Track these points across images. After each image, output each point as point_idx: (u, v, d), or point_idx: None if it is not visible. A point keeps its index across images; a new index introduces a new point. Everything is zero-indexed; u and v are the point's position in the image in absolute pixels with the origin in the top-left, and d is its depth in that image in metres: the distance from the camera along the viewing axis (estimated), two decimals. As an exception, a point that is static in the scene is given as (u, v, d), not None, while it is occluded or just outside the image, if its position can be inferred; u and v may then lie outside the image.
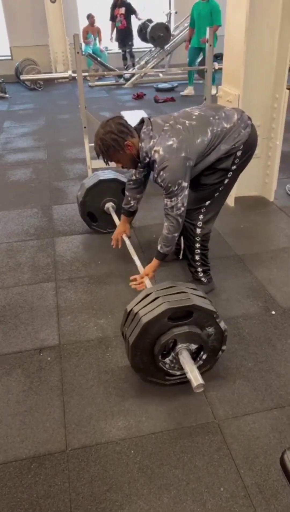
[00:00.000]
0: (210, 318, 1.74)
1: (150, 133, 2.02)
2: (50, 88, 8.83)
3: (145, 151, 2.03)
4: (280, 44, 3.03)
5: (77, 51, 3.53)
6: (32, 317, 2.35)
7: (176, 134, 1.99)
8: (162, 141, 1.98)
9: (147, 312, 1.68)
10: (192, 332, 1.71)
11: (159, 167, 1.99)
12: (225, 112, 2.11)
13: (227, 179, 2.18)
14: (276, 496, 1.47)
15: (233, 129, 2.07)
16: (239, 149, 2.09)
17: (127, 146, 2.02)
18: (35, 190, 3.98)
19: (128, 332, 1.74)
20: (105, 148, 2.03)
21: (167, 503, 1.47)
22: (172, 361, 1.77)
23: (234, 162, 2.12)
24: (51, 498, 1.50)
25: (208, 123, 2.05)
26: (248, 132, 2.10)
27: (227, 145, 2.06)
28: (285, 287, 2.50)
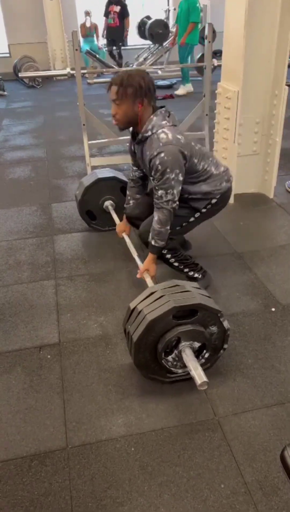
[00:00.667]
0: (214, 317, 1.75)
1: (166, 118, 2.02)
2: (48, 86, 8.81)
3: (153, 124, 1.98)
4: (279, 40, 3.02)
5: (75, 48, 3.52)
6: (32, 315, 2.35)
7: (184, 136, 2.03)
8: (174, 130, 1.98)
9: (152, 310, 1.68)
10: (196, 330, 1.72)
11: (161, 147, 1.92)
12: (216, 160, 2.22)
13: (193, 218, 2.25)
14: (277, 493, 1.47)
15: (217, 177, 2.17)
16: (215, 197, 2.19)
17: (139, 103, 1.95)
18: (34, 188, 3.98)
19: (132, 329, 1.74)
20: (127, 83, 1.91)
21: (167, 500, 1.47)
22: (175, 359, 1.77)
23: (206, 207, 2.21)
24: (52, 496, 1.50)
25: (204, 157, 2.13)
26: (227, 186, 2.21)
27: (208, 188, 2.15)
28: (285, 284, 2.50)
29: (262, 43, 3.03)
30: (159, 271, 2.40)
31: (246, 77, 3.08)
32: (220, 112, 3.39)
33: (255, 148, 3.40)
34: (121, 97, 1.94)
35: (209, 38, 3.67)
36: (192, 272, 2.38)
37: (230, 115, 3.22)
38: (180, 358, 1.75)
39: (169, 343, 1.72)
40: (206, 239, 2.99)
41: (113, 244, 2.97)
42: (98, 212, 3.02)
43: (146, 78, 1.95)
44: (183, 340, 1.73)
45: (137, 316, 1.74)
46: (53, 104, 7.23)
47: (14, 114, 6.72)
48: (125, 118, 2.01)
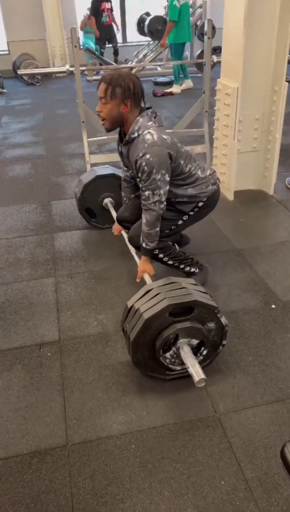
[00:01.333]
0: (211, 314, 1.74)
1: (152, 119, 2.02)
2: (48, 83, 8.78)
3: (139, 125, 1.98)
4: (279, 37, 3.00)
5: (74, 45, 3.50)
6: (32, 313, 2.34)
7: (171, 137, 2.04)
8: (159, 131, 1.99)
9: (148, 308, 1.68)
10: (193, 327, 1.71)
11: (147, 148, 1.92)
12: (202, 164, 2.23)
13: (181, 221, 2.26)
14: (277, 489, 1.48)
15: (204, 180, 2.17)
16: (202, 200, 2.19)
17: (125, 104, 1.95)
18: (34, 185, 3.97)
19: (129, 328, 1.74)
20: (116, 83, 1.92)
21: (168, 497, 1.47)
22: (173, 356, 1.77)
23: (193, 210, 2.22)
24: (52, 493, 1.50)
25: (190, 161, 2.13)
26: (214, 189, 2.21)
27: (194, 191, 2.16)
28: (285, 280, 2.50)
29: (261, 39, 3.01)
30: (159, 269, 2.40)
31: (245, 74, 3.07)
32: (220, 108, 3.39)
33: (255, 145, 3.39)
34: (109, 96, 1.95)
35: (209, 34, 3.65)
36: (189, 267, 2.37)
37: (229, 112, 3.21)
38: (178, 355, 1.75)
39: (166, 340, 1.72)
40: (206, 236, 2.98)
41: (113, 242, 2.97)
42: (97, 210, 3.01)
43: (136, 81, 1.97)
44: (181, 337, 1.73)
45: (134, 315, 1.74)
46: (53, 101, 7.21)
47: (13, 112, 6.70)
48: (109, 117, 2.01)
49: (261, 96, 3.22)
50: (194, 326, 1.71)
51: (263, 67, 3.11)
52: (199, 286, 1.81)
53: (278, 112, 3.21)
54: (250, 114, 3.25)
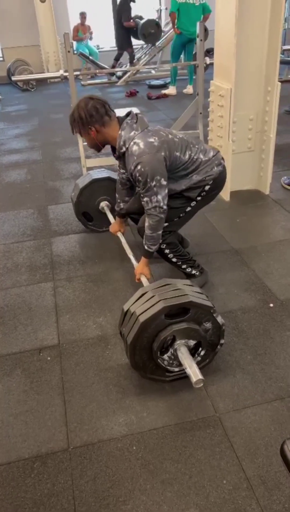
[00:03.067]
0: (207, 313, 1.75)
1: (133, 125, 2.03)
2: (42, 88, 8.81)
3: (123, 139, 2.02)
4: (270, 37, 3.02)
5: (68, 50, 3.52)
6: (31, 317, 2.35)
7: (158, 135, 2.03)
8: (144, 136, 2.00)
9: (144, 311, 1.68)
10: (190, 328, 1.72)
11: (137, 160, 1.96)
12: (203, 146, 2.20)
13: (190, 207, 2.24)
14: (279, 487, 1.48)
15: (207, 163, 2.15)
16: (208, 183, 2.17)
17: (90, 130, 2.05)
18: (30, 190, 3.98)
19: (126, 332, 1.75)
20: (72, 119, 2.08)
21: (170, 498, 1.47)
22: (171, 358, 1.77)
23: (200, 194, 2.19)
24: (55, 497, 1.50)
25: (188, 147, 2.11)
26: (219, 170, 2.19)
27: (199, 176, 2.14)
28: (282, 279, 2.51)
29: (253, 40, 3.03)
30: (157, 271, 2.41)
31: (238, 75, 3.08)
32: (214, 110, 3.40)
33: (250, 145, 3.41)
34: (77, 131, 2.12)
35: (201, 36, 3.67)
36: (190, 269, 2.38)
37: (223, 113, 3.23)
38: (176, 357, 1.75)
39: (164, 342, 1.72)
40: (203, 236, 2.99)
41: (110, 245, 2.98)
42: (94, 213, 3.02)
43: (86, 106, 2.01)
44: (178, 339, 1.73)
45: (130, 318, 1.74)
46: (48, 106, 7.24)
47: (9, 118, 6.72)
48: (91, 145, 2.17)
49: (254, 97, 3.24)
50: (190, 327, 1.71)
51: (255, 67, 3.14)
52: (194, 287, 1.82)
53: (271, 112, 3.23)
54: (244, 115, 3.27)
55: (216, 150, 2.24)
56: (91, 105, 2.01)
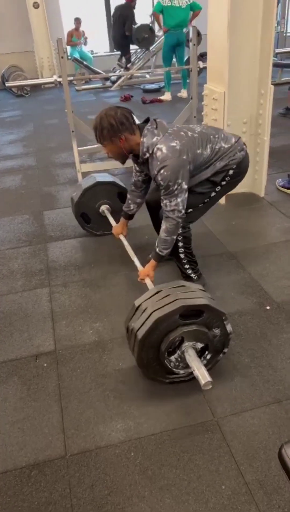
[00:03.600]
0: (219, 320, 1.77)
1: (154, 131, 2.05)
2: (37, 94, 8.82)
3: (146, 145, 2.04)
4: (263, 40, 3.04)
5: (61, 55, 3.53)
6: (27, 323, 2.34)
7: (179, 138, 2.05)
8: (166, 141, 2.02)
9: (159, 308, 1.69)
10: (200, 331, 1.73)
11: (160, 165, 1.99)
12: (224, 134, 2.22)
13: (215, 192, 2.25)
14: (277, 491, 1.47)
15: (230, 149, 2.17)
16: (232, 168, 2.18)
17: (120, 139, 2.04)
18: (25, 196, 3.97)
19: (136, 326, 1.73)
20: (100, 127, 2.03)
21: (169, 504, 1.46)
22: (177, 360, 1.77)
23: (225, 179, 2.20)
24: (52, 505, 1.49)
25: (208, 140, 2.13)
26: (243, 155, 2.21)
27: (223, 162, 2.15)
28: (279, 281, 2.50)
29: (246, 44, 3.05)
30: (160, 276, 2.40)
31: (231, 78, 3.09)
32: (208, 113, 3.41)
33: (244, 148, 3.41)
34: (104, 139, 2.06)
35: (194, 41, 3.68)
36: (191, 271, 2.38)
37: (217, 116, 3.24)
38: (183, 359, 1.75)
39: (172, 342, 1.72)
40: (199, 239, 2.98)
41: (106, 250, 2.97)
42: (93, 215, 3.02)
43: (116, 114, 2.01)
44: (187, 340, 1.73)
45: (142, 313, 1.74)
46: (42, 112, 7.24)
47: (3, 124, 6.72)
48: (116, 155, 2.15)
49: (247, 100, 3.25)
50: (201, 330, 1.72)
51: (248, 71, 3.15)
52: (207, 293, 1.84)
53: (265, 115, 3.24)
54: (237, 118, 3.28)
55: (238, 136, 2.26)
56: (120, 113, 2.03)
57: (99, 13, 9.92)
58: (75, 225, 3.34)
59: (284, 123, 5.36)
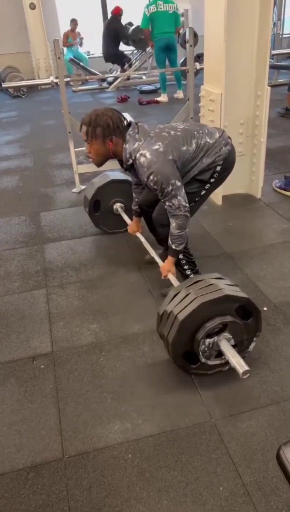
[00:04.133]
0: (253, 333, 1.89)
1: (136, 136, 2.04)
2: (33, 95, 8.81)
3: (129, 152, 2.03)
4: (259, 41, 3.05)
5: (58, 56, 3.52)
6: (23, 325, 2.33)
7: (162, 139, 2.04)
8: (148, 145, 2.01)
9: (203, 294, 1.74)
10: (242, 328, 1.81)
11: (147, 171, 1.98)
12: (208, 129, 2.20)
13: (204, 190, 2.25)
14: (276, 492, 1.47)
15: (215, 144, 2.15)
16: (219, 164, 2.17)
17: (110, 141, 2.03)
18: (22, 197, 3.96)
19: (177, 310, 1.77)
20: (95, 124, 1.99)
21: (166, 506, 1.46)
22: (209, 346, 1.79)
23: (213, 176, 2.19)
24: (50, 507, 1.48)
25: (192, 136, 2.12)
26: (228, 150, 2.19)
27: (209, 159, 2.14)
28: (276, 282, 2.51)
29: (242, 45, 3.06)
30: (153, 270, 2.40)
31: (228, 79, 3.10)
32: (205, 115, 3.42)
33: (241, 149, 3.42)
34: (91, 137, 2.03)
35: (191, 42, 3.69)
36: (189, 271, 2.38)
37: (214, 118, 3.25)
38: (213, 347, 1.79)
39: (216, 327, 1.76)
40: (196, 240, 2.99)
41: (103, 251, 2.97)
42: (105, 209, 3.01)
43: (114, 116, 2.00)
44: (227, 331, 1.78)
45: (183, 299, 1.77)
46: (39, 113, 7.23)
47: None
48: (98, 157, 2.11)
49: (244, 101, 3.26)
50: (242, 328, 1.81)
51: (245, 72, 3.16)
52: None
53: (262, 116, 3.25)
54: (234, 119, 3.28)
55: (221, 130, 2.25)
56: (117, 116, 2.02)
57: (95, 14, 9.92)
58: (72, 226, 3.34)
59: (281, 125, 5.38)
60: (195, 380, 1.91)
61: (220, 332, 1.78)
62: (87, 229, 3.27)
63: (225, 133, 2.25)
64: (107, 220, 3.07)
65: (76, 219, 3.44)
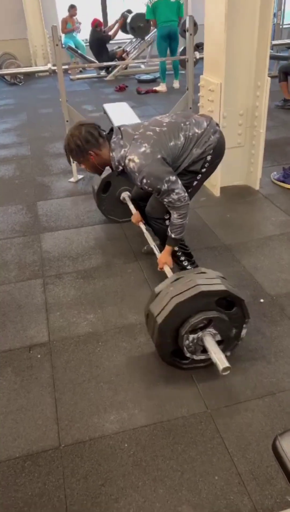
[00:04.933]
0: (241, 321, 1.85)
1: (120, 142, 2.03)
2: (31, 83, 8.70)
3: (117, 160, 2.04)
4: (260, 31, 3.01)
5: (56, 43, 3.47)
6: (20, 315, 2.32)
7: (147, 140, 2.03)
8: (134, 149, 2.00)
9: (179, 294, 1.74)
10: (227, 323, 1.79)
11: (139, 176, 1.98)
12: (195, 118, 2.18)
13: (196, 181, 2.24)
14: (270, 482, 1.49)
15: (204, 133, 2.14)
16: (209, 153, 2.16)
17: (89, 156, 2.04)
18: (19, 186, 3.93)
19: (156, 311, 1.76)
20: (68, 150, 2.05)
21: (162, 494, 1.47)
22: (193, 341, 1.78)
23: (204, 166, 2.18)
24: (46, 496, 1.49)
25: (179, 129, 2.10)
26: (217, 138, 2.17)
27: (199, 149, 2.13)
28: (273, 274, 2.51)
29: (243, 35, 3.02)
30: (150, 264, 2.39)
31: (228, 69, 3.07)
32: (204, 105, 3.39)
33: (240, 140, 3.40)
34: (75, 159, 2.09)
35: (190, 31, 3.64)
36: (187, 263, 2.38)
37: (213, 108, 3.22)
38: (198, 342, 1.78)
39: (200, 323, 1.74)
40: (194, 232, 2.98)
41: (100, 241, 2.96)
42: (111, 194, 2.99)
43: (81, 133, 2.00)
44: (212, 326, 1.76)
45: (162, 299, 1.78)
46: (36, 101, 7.15)
47: (-4, 112, 6.63)
48: (93, 170, 2.15)
49: (244, 92, 3.23)
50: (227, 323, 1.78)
51: (245, 62, 3.13)
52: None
53: (261, 107, 3.22)
54: (234, 110, 3.26)
55: (209, 118, 2.23)
56: (84, 130, 2.01)
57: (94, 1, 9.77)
58: (69, 215, 3.32)
59: (279, 116, 5.35)
60: (191, 371, 1.92)
61: (205, 327, 1.77)
62: (84, 219, 3.25)
63: (213, 120, 2.22)
64: (111, 206, 3.04)
65: (73, 209, 3.42)
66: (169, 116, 2.21)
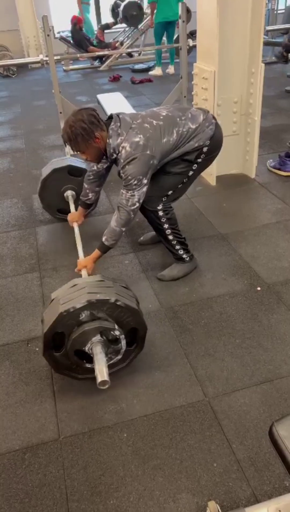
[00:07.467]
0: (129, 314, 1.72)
1: (118, 130, 2.03)
2: (24, 75, 8.61)
3: (112, 147, 2.04)
4: (253, 17, 2.97)
5: (47, 33, 3.43)
6: (17, 308, 2.32)
7: (143, 132, 2.03)
8: (129, 138, 2.01)
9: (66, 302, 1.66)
10: (104, 327, 1.67)
11: (124, 162, 2.00)
12: (191, 113, 2.18)
13: (192, 171, 2.23)
14: (268, 468, 1.50)
15: (198, 128, 2.14)
16: (206, 145, 2.16)
17: (96, 138, 2.01)
18: (14, 179, 3.91)
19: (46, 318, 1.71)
20: (73, 136, 1.99)
21: (161, 483, 1.48)
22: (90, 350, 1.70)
23: (199, 156, 2.18)
24: (46, 486, 1.50)
25: (174, 124, 2.10)
26: (212, 130, 2.17)
27: (194, 143, 2.14)
28: (269, 263, 2.51)
29: (236, 21, 2.98)
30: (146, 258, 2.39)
31: (221, 57, 3.03)
32: (198, 93, 3.36)
33: (235, 129, 3.38)
34: (79, 146, 2.03)
35: (183, 17, 3.60)
36: (183, 251, 2.38)
37: (207, 96, 3.19)
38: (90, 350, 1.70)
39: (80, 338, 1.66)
40: (190, 221, 2.98)
41: (96, 233, 2.94)
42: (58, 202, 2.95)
43: (84, 117, 1.97)
44: (101, 334, 1.68)
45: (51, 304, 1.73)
46: (30, 93, 7.09)
47: (-10, 106, 6.57)
48: (94, 155, 2.11)
49: (238, 79, 3.20)
50: (105, 326, 1.67)
51: (239, 49, 3.09)
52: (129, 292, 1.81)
53: (256, 94, 3.19)
54: (228, 98, 3.23)
55: (206, 112, 2.22)
56: (85, 114, 1.98)
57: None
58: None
59: (275, 103, 5.31)
60: (188, 359, 1.93)
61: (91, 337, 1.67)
62: (80, 211, 3.23)
63: (210, 114, 2.22)
64: (54, 202, 2.98)
65: (69, 201, 3.40)
66: (166, 108, 2.20)
